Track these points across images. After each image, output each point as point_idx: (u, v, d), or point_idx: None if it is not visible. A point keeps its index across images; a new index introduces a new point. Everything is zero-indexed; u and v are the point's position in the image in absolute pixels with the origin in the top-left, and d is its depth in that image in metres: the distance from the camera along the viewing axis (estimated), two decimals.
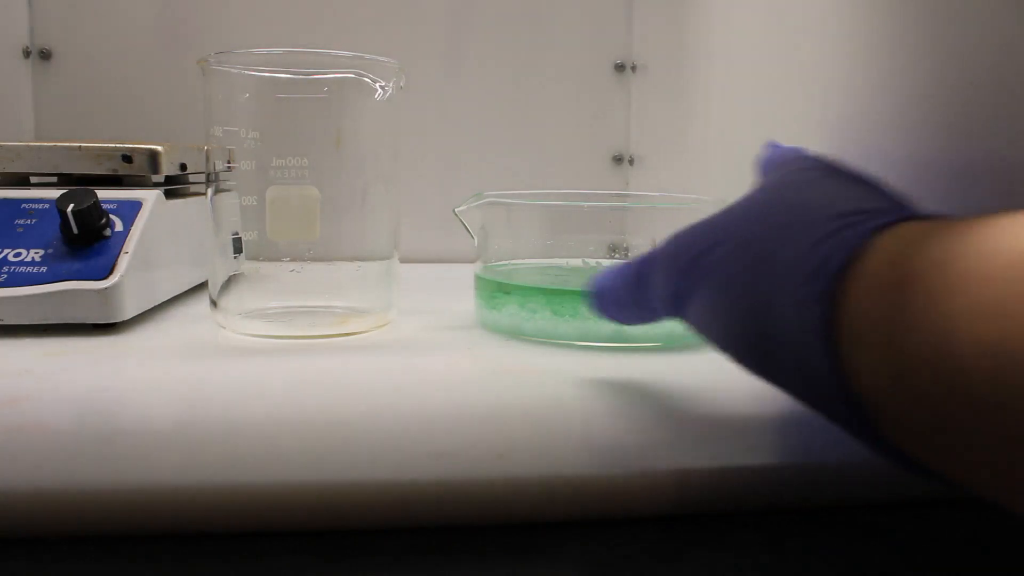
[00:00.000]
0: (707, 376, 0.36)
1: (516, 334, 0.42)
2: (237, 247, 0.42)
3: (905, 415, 0.18)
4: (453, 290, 0.59)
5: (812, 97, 0.46)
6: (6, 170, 0.47)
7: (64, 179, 0.48)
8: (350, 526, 0.23)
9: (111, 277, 0.41)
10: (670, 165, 0.70)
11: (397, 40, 0.74)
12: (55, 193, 0.43)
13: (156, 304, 0.46)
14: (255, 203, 0.41)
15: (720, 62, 0.59)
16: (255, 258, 0.42)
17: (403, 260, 0.46)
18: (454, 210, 0.45)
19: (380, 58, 0.41)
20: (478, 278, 0.45)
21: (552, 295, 0.41)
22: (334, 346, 0.40)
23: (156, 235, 0.45)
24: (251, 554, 0.22)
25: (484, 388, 0.34)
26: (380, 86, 0.41)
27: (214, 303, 0.43)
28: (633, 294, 0.29)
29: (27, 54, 0.71)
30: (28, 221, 0.44)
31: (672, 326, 0.38)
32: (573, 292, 0.39)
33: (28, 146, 0.47)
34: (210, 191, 0.42)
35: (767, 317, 0.21)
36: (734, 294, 0.22)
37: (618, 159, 0.79)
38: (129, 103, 0.72)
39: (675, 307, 0.26)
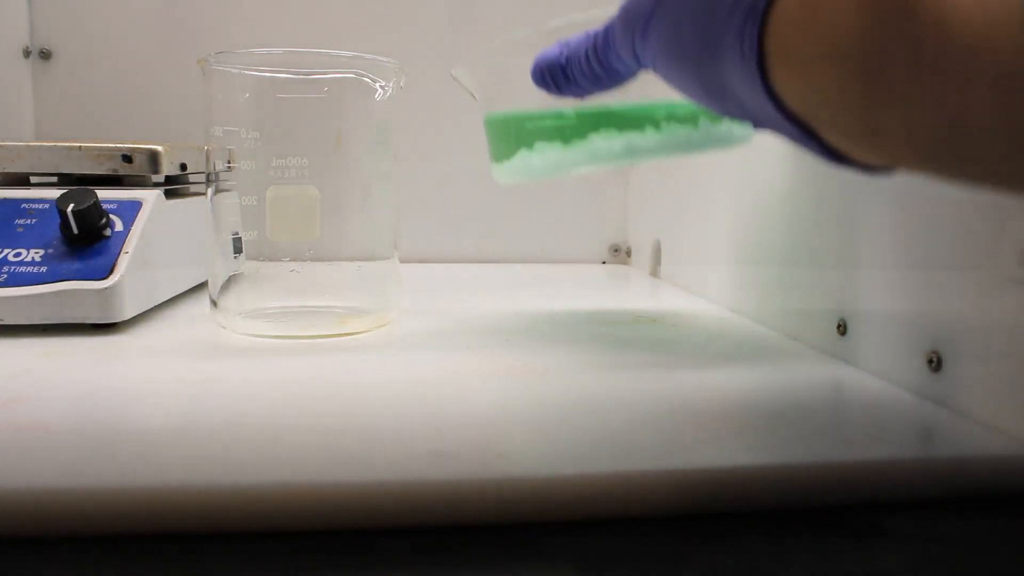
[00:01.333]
0: (707, 376, 0.36)
1: (529, 175, 0.40)
2: (237, 247, 0.42)
3: (807, 103, 0.24)
4: (453, 290, 0.59)
5: None
6: (6, 170, 0.47)
7: (64, 179, 0.48)
8: (350, 526, 0.23)
9: (111, 277, 0.41)
10: (670, 164, 0.70)
11: (397, 40, 0.74)
12: (55, 193, 0.43)
13: (156, 304, 0.46)
14: (255, 203, 0.41)
15: None
16: (255, 258, 0.42)
17: (403, 260, 0.46)
18: (452, 72, 0.42)
19: (380, 58, 0.41)
20: (487, 126, 0.42)
21: (560, 122, 0.38)
22: (334, 346, 0.40)
23: (156, 235, 0.45)
24: (251, 554, 0.22)
25: (484, 388, 0.34)
26: (380, 86, 0.41)
27: (214, 303, 0.43)
28: (599, 57, 0.32)
29: (27, 54, 0.71)
30: (28, 221, 0.44)
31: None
32: (581, 114, 0.38)
33: (28, 146, 0.47)
34: (210, 191, 0.42)
35: (716, 55, 0.26)
36: (688, 40, 0.27)
37: None
38: (129, 103, 0.72)
39: (639, 58, 0.30)
